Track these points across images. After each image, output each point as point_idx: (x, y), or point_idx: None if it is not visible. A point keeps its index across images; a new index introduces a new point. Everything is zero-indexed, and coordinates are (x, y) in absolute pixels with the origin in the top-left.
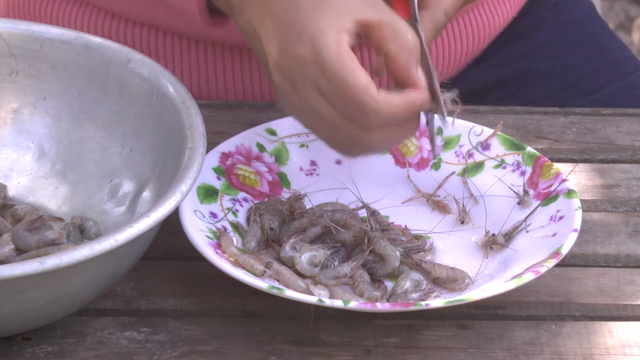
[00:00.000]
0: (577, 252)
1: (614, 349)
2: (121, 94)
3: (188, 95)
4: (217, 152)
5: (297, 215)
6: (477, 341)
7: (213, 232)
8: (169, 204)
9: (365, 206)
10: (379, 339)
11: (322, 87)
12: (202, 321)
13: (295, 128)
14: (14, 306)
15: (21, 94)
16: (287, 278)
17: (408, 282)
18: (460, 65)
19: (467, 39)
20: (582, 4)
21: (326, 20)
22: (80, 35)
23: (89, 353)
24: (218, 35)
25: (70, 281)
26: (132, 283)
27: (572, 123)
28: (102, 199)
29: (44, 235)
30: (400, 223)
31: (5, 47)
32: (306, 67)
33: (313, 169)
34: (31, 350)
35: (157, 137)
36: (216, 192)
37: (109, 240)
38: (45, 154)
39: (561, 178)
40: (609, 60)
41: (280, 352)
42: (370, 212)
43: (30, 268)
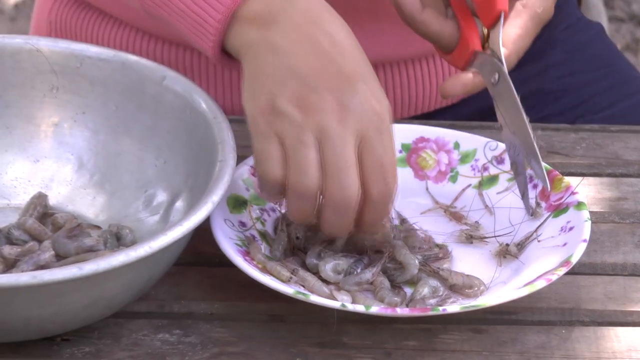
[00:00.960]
0: (586, 261)
1: (621, 353)
2: (156, 109)
3: (219, 111)
4: (246, 165)
5: None
6: (492, 345)
7: (242, 240)
8: (200, 214)
9: (397, 213)
10: (398, 342)
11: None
12: (231, 324)
13: None
14: (54, 309)
15: (62, 108)
16: (312, 284)
17: (426, 288)
18: None
19: None
20: (593, 26)
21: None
22: (117, 53)
23: (124, 354)
24: None
25: (107, 285)
26: (165, 287)
27: (582, 139)
28: (138, 208)
29: (82, 242)
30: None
31: (47, 64)
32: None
33: None
34: (70, 351)
35: (189, 150)
36: (245, 202)
37: (144, 247)
38: (84, 166)
39: (571, 191)
40: (617, 80)
41: (305, 354)
42: (401, 219)
43: (69, 273)
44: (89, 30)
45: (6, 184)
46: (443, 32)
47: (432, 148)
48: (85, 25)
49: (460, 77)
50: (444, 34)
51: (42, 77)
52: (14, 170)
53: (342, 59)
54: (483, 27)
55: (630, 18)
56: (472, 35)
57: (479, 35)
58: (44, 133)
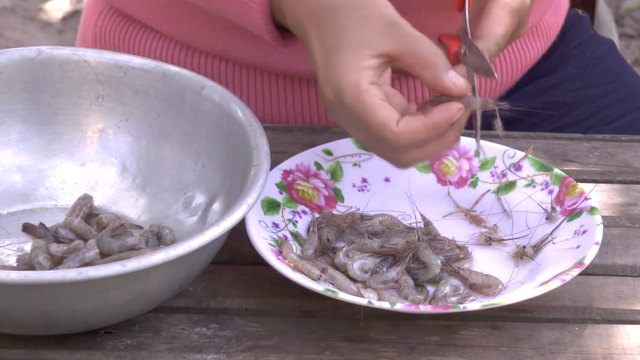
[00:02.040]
0: (598, 263)
1: (630, 350)
2: (195, 116)
3: (254, 119)
4: (279, 170)
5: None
6: (509, 341)
7: (275, 240)
8: (236, 215)
9: (422, 216)
10: (421, 337)
11: (350, 123)
12: (264, 319)
13: (348, 149)
14: (98, 303)
15: (106, 116)
16: (340, 282)
17: (448, 287)
18: (496, 96)
19: (501, 73)
20: (604, 42)
21: (345, 62)
22: (159, 64)
23: (163, 346)
24: (280, 66)
25: (147, 282)
26: (202, 284)
27: (595, 148)
28: (177, 209)
29: (125, 241)
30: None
31: (93, 74)
32: (335, 107)
33: (364, 185)
34: (112, 343)
35: (226, 156)
36: (278, 205)
37: (183, 246)
38: (127, 169)
39: (585, 197)
40: (628, 93)
41: (333, 348)
42: (425, 222)
43: (112, 270)
44: (132, 42)
45: (54, 186)
46: None
47: (454, 155)
48: (128, 38)
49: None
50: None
51: (89, 86)
52: (62, 173)
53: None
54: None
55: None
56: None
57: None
58: (90, 139)
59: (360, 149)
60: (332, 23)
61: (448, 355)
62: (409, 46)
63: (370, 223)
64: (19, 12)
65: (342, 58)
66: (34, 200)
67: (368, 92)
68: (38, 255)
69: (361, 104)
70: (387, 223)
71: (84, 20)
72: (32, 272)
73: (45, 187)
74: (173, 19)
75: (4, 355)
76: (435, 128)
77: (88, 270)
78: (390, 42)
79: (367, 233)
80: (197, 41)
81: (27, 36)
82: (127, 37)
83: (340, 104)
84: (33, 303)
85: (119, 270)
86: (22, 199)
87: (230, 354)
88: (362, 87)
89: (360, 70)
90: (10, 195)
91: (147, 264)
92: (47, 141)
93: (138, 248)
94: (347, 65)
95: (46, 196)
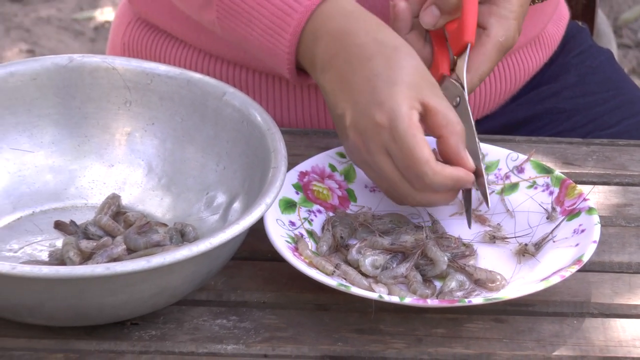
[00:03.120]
0: (596, 260)
1: (626, 342)
2: (217, 121)
3: (272, 123)
4: (296, 171)
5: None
6: (511, 333)
7: (292, 238)
8: (255, 214)
9: (429, 215)
10: (428, 329)
11: (391, 151)
12: (281, 312)
13: None
14: (125, 296)
15: (134, 120)
16: (352, 277)
17: (454, 282)
18: (500, 102)
19: (505, 80)
20: (603, 52)
21: (402, 96)
22: (183, 71)
23: (186, 337)
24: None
25: (171, 277)
26: (223, 279)
27: (593, 152)
28: (200, 208)
29: (150, 238)
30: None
31: (121, 81)
32: (381, 131)
33: (375, 186)
34: (138, 334)
35: (246, 158)
36: (295, 204)
37: (205, 243)
38: (153, 170)
39: (583, 198)
40: (624, 100)
41: (345, 339)
42: (433, 221)
43: (138, 265)
44: (158, 51)
45: (84, 186)
46: (420, 54)
47: None
48: (154, 47)
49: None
50: (421, 55)
51: (117, 92)
52: (92, 174)
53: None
54: (452, 54)
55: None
56: (442, 60)
57: (449, 61)
58: (118, 141)
59: None
60: (388, 58)
61: (454, 347)
62: (445, 110)
63: (381, 222)
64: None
65: (400, 91)
66: (65, 199)
67: (419, 129)
68: (69, 251)
69: (413, 137)
70: (397, 222)
71: (114, 30)
72: (63, 267)
73: (75, 187)
74: (197, 29)
75: (37, 345)
76: (458, 182)
77: (116, 265)
78: (433, 97)
79: (378, 231)
80: (219, 50)
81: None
82: (154, 46)
83: (390, 128)
84: (64, 296)
85: (144, 266)
86: (54, 197)
87: (249, 345)
88: (413, 122)
89: (412, 108)
90: (43, 194)
91: (171, 260)
92: (77, 143)
93: (163, 244)
94: (404, 98)
95: (77, 195)
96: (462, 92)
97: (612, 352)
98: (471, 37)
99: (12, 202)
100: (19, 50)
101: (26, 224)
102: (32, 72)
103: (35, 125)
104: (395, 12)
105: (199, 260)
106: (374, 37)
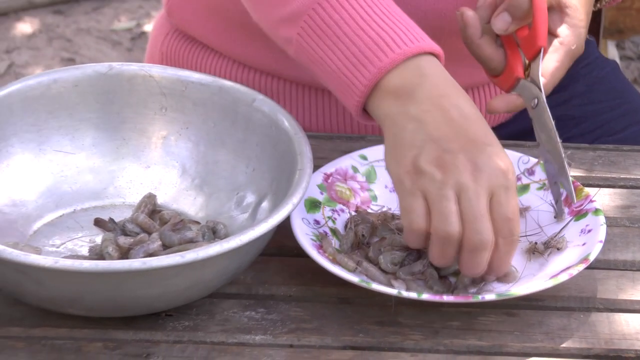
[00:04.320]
0: (602, 258)
1: (630, 335)
2: (247, 125)
3: (299, 128)
4: (320, 173)
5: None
6: (522, 326)
7: (316, 236)
8: (282, 213)
9: None
10: (444, 322)
11: (499, 197)
12: (306, 305)
13: (381, 154)
14: (160, 290)
15: (169, 124)
16: (373, 273)
17: (467, 278)
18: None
19: None
20: (609, 63)
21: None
22: (216, 79)
23: (217, 327)
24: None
25: (204, 271)
26: (252, 273)
27: (599, 157)
28: (230, 207)
29: (184, 235)
30: None
31: (158, 88)
32: (500, 175)
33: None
34: (172, 325)
35: (274, 160)
36: (319, 204)
37: (235, 240)
38: (187, 172)
39: (590, 199)
40: (629, 108)
41: (367, 331)
42: None
43: (173, 260)
44: (193, 60)
45: (122, 186)
46: (493, 57)
47: None
48: (190, 56)
49: (506, 97)
50: (493, 58)
51: (153, 98)
52: (129, 174)
53: (469, 126)
54: (525, 58)
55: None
56: (516, 63)
57: (522, 65)
58: (154, 144)
59: None
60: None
61: (468, 339)
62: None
63: (400, 221)
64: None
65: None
66: (104, 198)
67: None
68: (107, 247)
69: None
70: None
71: (152, 40)
72: (102, 261)
73: (114, 187)
74: (232, 41)
75: (77, 335)
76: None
77: (152, 260)
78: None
79: (397, 230)
80: (251, 60)
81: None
82: (189, 55)
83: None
84: (103, 289)
85: (179, 261)
86: (94, 196)
87: (276, 335)
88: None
89: None
90: (84, 193)
91: (204, 255)
92: (116, 146)
93: (196, 241)
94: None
95: (115, 194)
96: (540, 93)
97: (617, 344)
98: (544, 42)
99: (55, 201)
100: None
101: (68, 221)
102: (74, 79)
103: (76, 128)
104: (464, 20)
105: (230, 255)
106: (472, 106)
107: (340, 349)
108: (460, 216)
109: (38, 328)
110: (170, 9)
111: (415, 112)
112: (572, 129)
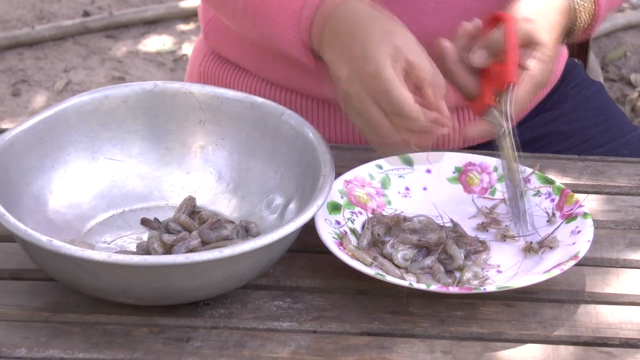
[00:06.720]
0: (589, 256)
1: (614, 325)
2: (275, 136)
3: (322, 140)
4: (341, 179)
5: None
6: (518, 316)
7: (337, 234)
8: (307, 214)
9: (450, 220)
10: (450, 311)
11: (376, 95)
12: (328, 296)
13: (395, 164)
14: (200, 281)
15: (207, 135)
16: (387, 268)
17: (470, 273)
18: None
19: None
20: (595, 84)
21: (388, 52)
22: (248, 96)
23: (249, 315)
24: None
25: (239, 265)
26: (280, 267)
27: (587, 167)
28: (261, 209)
29: (221, 233)
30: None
31: (197, 103)
32: (370, 79)
33: (407, 192)
34: (209, 312)
35: (300, 168)
36: (340, 206)
37: (267, 237)
38: (222, 177)
39: (579, 204)
40: (613, 125)
41: (381, 319)
42: (454, 223)
43: (212, 255)
44: (228, 79)
45: (166, 189)
46: (468, 84)
47: (477, 170)
48: (225, 75)
49: (480, 125)
50: (468, 85)
51: (193, 113)
52: (172, 179)
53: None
54: (497, 88)
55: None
56: (488, 92)
57: (494, 93)
58: (194, 153)
59: (404, 164)
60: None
61: (470, 327)
62: (426, 65)
63: (410, 222)
64: (141, 55)
65: (386, 49)
66: (150, 200)
67: (399, 76)
68: (153, 243)
69: (394, 80)
70: (424, 222)
71: (191, 61)
72: (149, 256)
73: (159, 190)
74: (262, 62)
75: (126, 321)
76: (434, 120)
77: (194, 255)
78: (417, 57)
79: (408, 230)
80: (278, 79)
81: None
82: (225, 75)
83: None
84: (150, 280)
85: (217, 256)
86: (140, 199)
87: (301, 322)
88: (397, 71)
89: (396, 61)
90: (132, 196)
91: (239, 251)
92: (160, 154)
93: (231, 238)
94: (389, 54)
95: (159, 197)
96: (506, 123)
97: (602, 333)
98: (514, 78)
99: (106, 203)
100: (112, 77)
101: (117, 221)
102: (123, 96)
103: (125, 139)
104: (442, 51)
105: (261, 251)
106: (370, 14)
107: (358, 334)
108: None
109: (92, 315)
110: (207, 34)
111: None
112: (561, 143)
